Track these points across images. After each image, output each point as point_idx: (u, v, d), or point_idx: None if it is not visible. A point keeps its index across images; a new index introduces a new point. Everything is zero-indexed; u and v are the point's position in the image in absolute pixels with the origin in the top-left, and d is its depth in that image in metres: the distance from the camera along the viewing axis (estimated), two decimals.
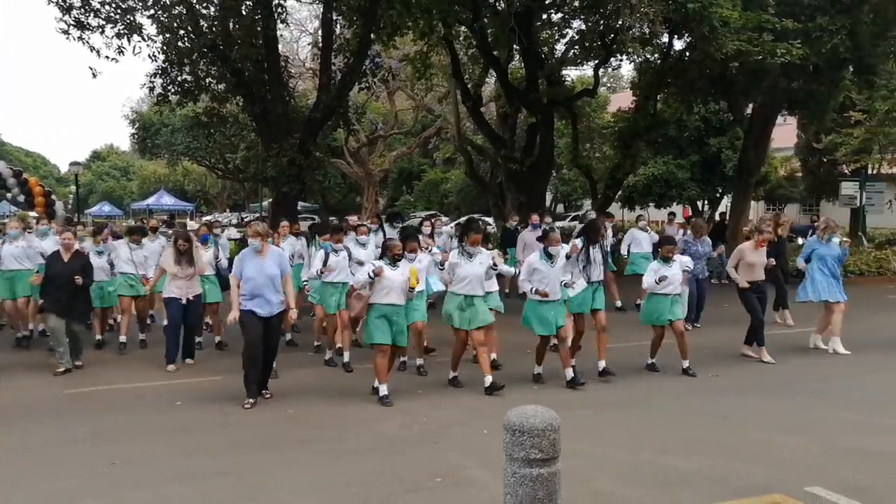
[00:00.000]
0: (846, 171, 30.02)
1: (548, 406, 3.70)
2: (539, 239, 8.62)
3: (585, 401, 7.70)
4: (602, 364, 8.60)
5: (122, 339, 10.48)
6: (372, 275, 7.46)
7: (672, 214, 15.76)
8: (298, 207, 20.88)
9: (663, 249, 9.08)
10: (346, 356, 9.27)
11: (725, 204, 27.87)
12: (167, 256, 9.45)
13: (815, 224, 12.17)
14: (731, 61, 15.16)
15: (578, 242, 8.46)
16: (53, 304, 9.07)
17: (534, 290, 8.09)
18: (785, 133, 31.59)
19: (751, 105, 21.80)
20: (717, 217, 17.82)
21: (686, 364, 8.86)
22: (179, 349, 9.45)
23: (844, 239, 10.47)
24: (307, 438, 6.56)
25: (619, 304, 13.54)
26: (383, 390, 7.63)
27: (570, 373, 8.20)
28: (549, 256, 8.20)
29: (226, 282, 10.63)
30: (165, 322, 9.62)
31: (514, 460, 3.57)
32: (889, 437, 6.37)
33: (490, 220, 28.13)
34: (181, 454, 6.18)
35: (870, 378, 8.70)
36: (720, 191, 28.94)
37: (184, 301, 9.27)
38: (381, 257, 7.97)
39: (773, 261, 10.22)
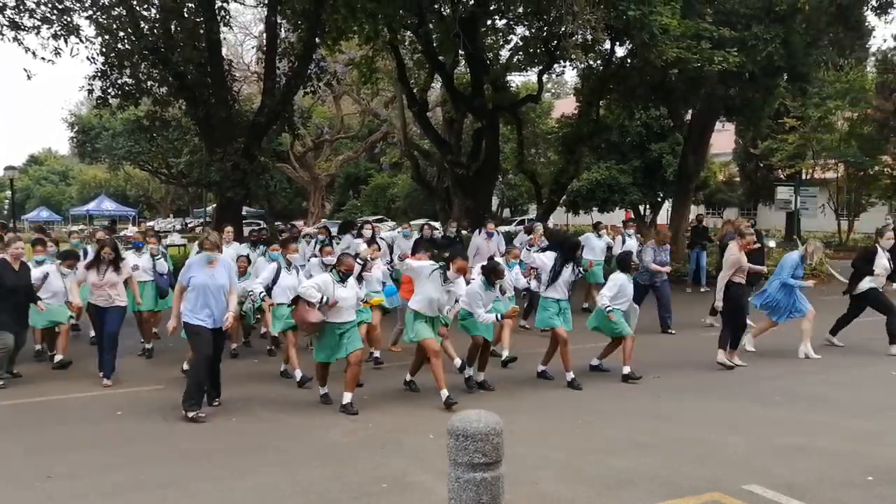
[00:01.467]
0: (781, 175, 31.04)
1: (491, 411, 3.75)
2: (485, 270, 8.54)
3: (529, 405, 7.78)
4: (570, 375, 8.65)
5: (59, 357, 9.75)
6: (324, 302, 7.34)
7: (632, 221, 15.91)
8: (244, 212, 20.65)
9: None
10: (298, 374, 8.77)
11: (666, 208, 28.45)
12: (82, 268, 9.18)
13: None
14: (671, 68, 15.51)
15: (548, 259, 8.68)
16: (10, 318, 8.70)
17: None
18: (723, 139, 32.48)
19: (690, 111, 22.30)
20: (693, 220, 17.83)
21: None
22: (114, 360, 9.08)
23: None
24: (252, 447, 6.48)
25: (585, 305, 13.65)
26: (347, 398, 7.53)
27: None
28: (492, 285, 8.32)
29: (165, 291, 10.49)
30: (93, 333, 9.39)
31: (458, 465, 3.61)
32: (819, 435, 6.58)
33: (438, 224, 28.20)
34: (122, 465, 6.04)
35: (802, 379, 8.97)
36: (661, 195, 29.51)
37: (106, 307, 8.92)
38: (330, 270, 7.88)
39: (764, 268, 10.52)
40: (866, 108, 27.57)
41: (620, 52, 19.48)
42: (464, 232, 17.00)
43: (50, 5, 15.91)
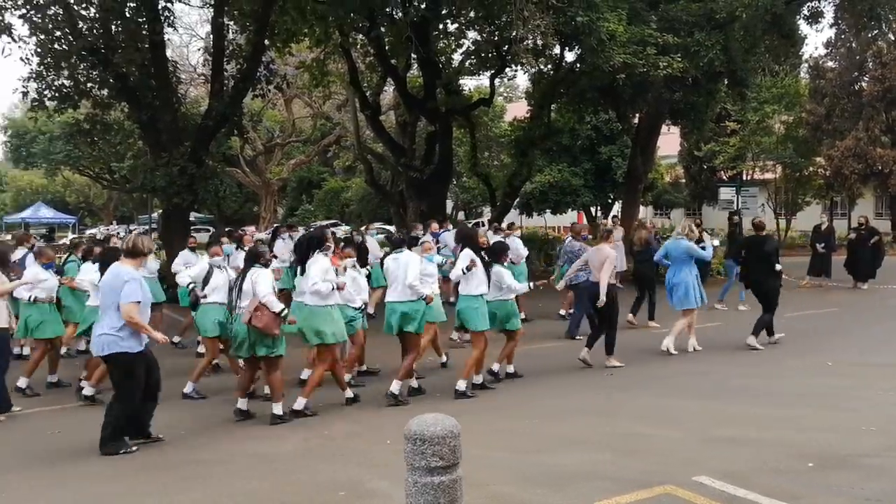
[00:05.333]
0: (724, 177, 31.91)
1: (440, 412, 3.73)
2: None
3: (475, 406, 7.83)
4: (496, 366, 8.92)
5: None
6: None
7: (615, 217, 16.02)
8: (192, 219, 20.24)
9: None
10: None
11: (617, 209, 28.87)
12: None
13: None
14: (618, 73, 15.74)
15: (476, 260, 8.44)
16: None
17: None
18: (670, 142, 33.15)
19: (637, 115, 22.70)
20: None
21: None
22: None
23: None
24: (202, 460, 6.37)
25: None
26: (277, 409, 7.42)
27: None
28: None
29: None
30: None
31: (415, 469, 3.58)
32: (756, 426, 6.75)
33: (392, 227, 28.12)
34: (55, 485, 5.87)
35: (738, 372, 9.25)
36: (612, 197, 29.97)
37: None
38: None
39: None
40: (800, 112, 28.73)
41: (570, 56, 19.74)
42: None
43: None
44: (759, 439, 6.32)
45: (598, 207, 31.78)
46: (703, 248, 10.61)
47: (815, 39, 75.66)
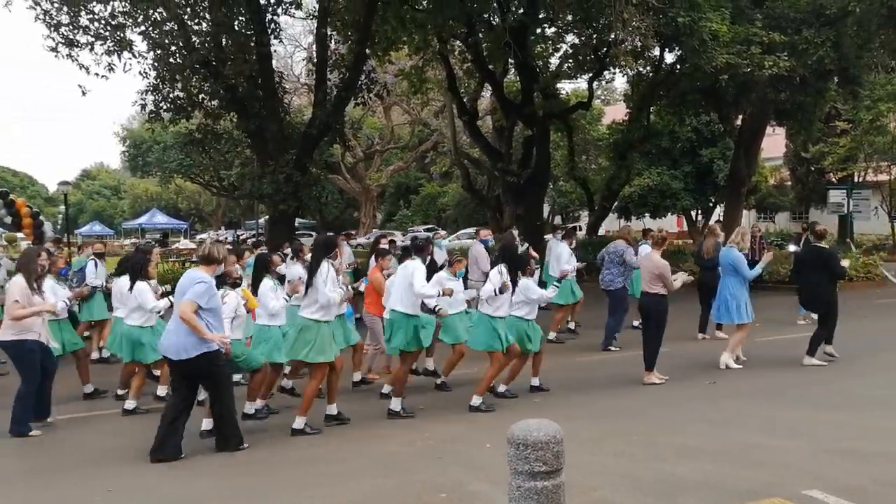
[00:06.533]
0: (833, 179, 30.50)
1: (544, 418, 3.77)
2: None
3: (583, 412, 7.76)
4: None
5: None
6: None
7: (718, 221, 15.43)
8: (296, 224, 20.93)
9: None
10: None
11: (718, 213, 28.14)
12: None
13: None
14: (721, 74, 15.40)
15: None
16: None
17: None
18: (774, 143, 32.04)
19: (740, 116, 22.08)
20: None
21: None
22: None
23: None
24: (308, 458, 6.58)
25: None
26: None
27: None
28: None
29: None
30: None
31: (518, 474, 3.63)
32: (878, 438, 6.46)
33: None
34: (191, 477, 6.21)
35: (857, 381, 8.81)
36: (713, 200, 29.21)
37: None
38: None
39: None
40: None
41: (670, 58, 19.45)
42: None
43: (103, 22, 16.35)
44: (880, 453, 6.04)
45: (699, 211, 31.04)
46: (755, 263, 10.01)
47: None
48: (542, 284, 9.48)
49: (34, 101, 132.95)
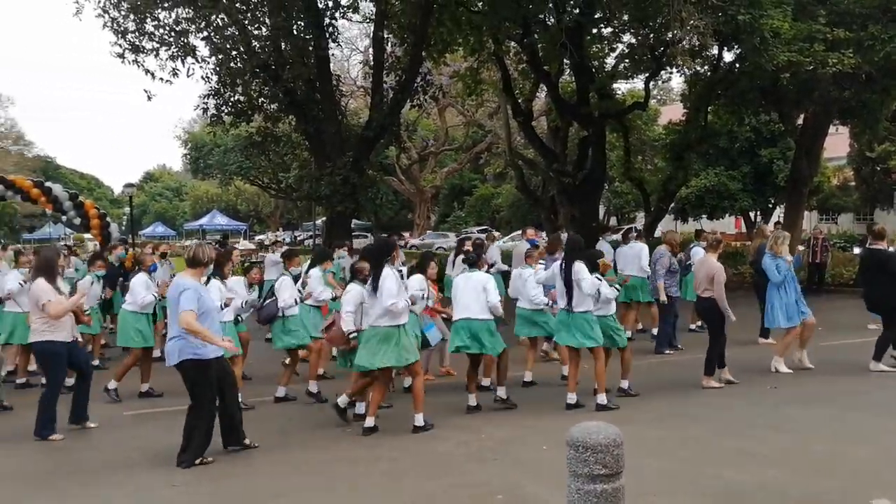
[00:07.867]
0: None
1: (600, 421, 3.79)
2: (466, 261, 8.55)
3: (641, 415, 7.71)
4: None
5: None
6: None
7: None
8: (352, 225, 21.18)
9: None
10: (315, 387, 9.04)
11: (778, 214, 27.52)
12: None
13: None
14: (783, 72, 15.05)
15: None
16: None
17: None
18: (837, 142, 31.11)
19: (802, 115, 21.53)
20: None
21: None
22: None
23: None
24: (367, 458, 6.66)
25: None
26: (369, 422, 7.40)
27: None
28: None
29: None
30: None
31: (578, 476, 3.65)
32: None
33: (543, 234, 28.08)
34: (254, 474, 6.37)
35: None
36: (772, 201, 28.59)
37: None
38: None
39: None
40: None
41: (729, 56, 19.07)
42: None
43: (167, 28, 16.78)
44: None
45: (758, 212, 30.40)
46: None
47: None
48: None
49: (98, 105, 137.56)
